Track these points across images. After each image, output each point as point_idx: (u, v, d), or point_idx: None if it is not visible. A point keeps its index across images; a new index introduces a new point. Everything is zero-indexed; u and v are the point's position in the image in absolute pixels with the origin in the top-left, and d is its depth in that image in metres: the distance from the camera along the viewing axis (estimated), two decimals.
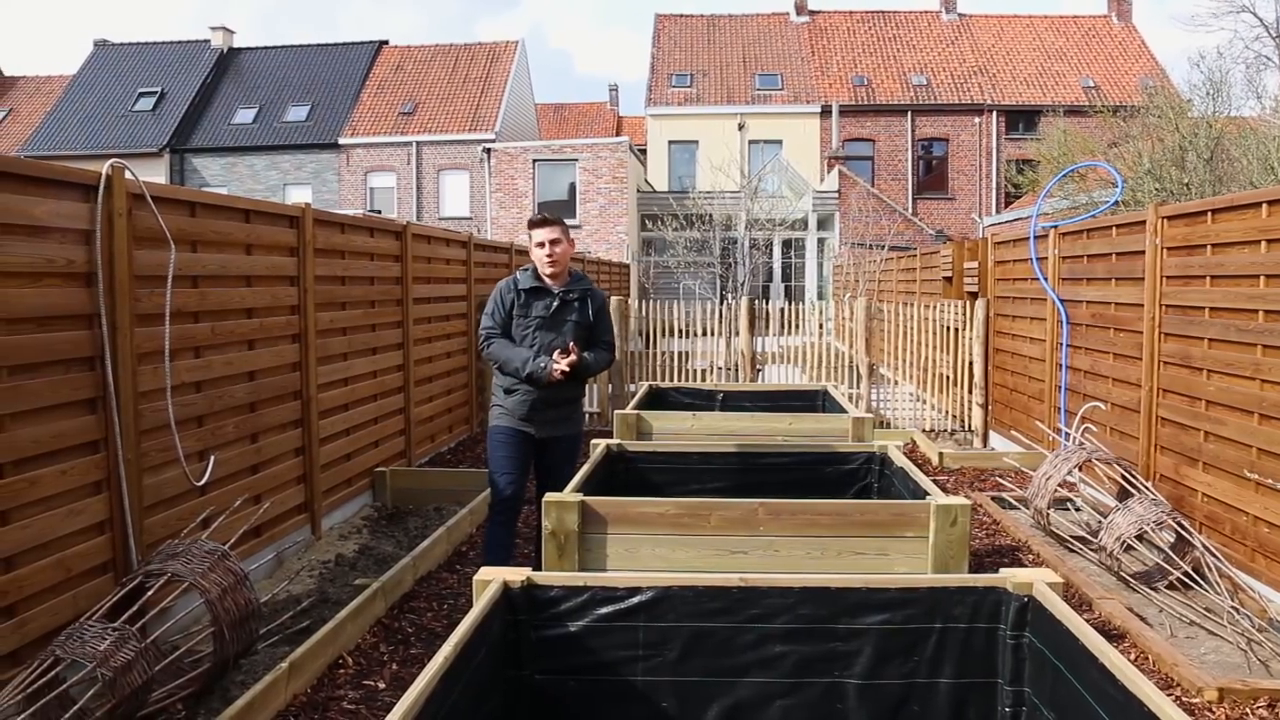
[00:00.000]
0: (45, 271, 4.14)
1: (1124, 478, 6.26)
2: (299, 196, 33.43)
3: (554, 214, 5.49)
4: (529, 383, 5.23)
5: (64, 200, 4.28)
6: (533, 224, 5.41)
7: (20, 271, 4.00)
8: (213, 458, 5.37)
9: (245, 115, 36.39)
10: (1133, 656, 4.78)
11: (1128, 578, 5.73)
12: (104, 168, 4.49)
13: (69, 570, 4.25)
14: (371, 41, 39.48)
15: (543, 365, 5.15)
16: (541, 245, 5.32)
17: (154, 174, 32.51)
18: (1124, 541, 5.69)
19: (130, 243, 4.66)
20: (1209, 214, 6.18)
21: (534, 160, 30.49)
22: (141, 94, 37.25)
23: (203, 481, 5.26)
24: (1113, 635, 5.03)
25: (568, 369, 5.14)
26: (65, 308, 4.26)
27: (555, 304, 5.32)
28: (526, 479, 5.48)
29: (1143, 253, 6.96)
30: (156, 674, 3.84)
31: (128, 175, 4.65)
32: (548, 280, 5.36)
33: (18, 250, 3.98)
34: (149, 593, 4.25)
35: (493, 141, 33.03)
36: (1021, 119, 35.10)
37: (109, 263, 4.50)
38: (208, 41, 39.58)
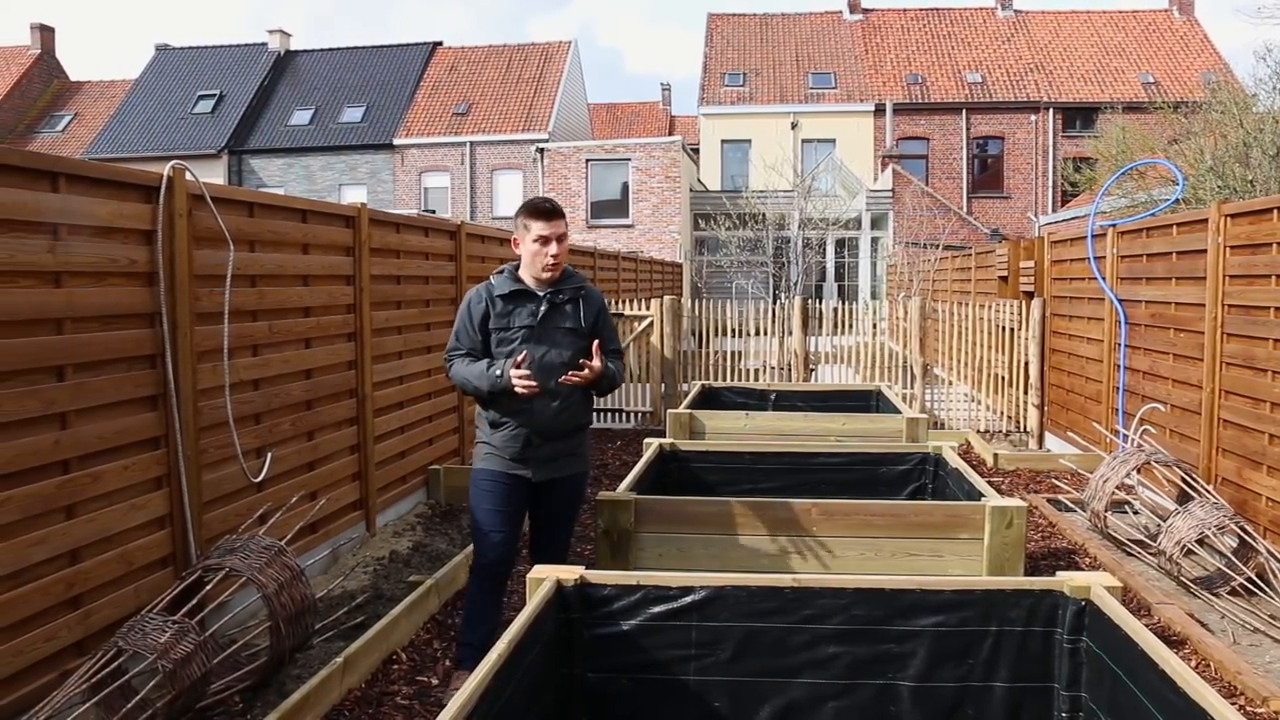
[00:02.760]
0: (109, 271, 4.22)
1: (1184, 481, 6.15)
2: (354, 197, 33.79)
3: (558, 203, 4.32)
4: (494, 401, 4.24)
5: (127, 201, 4.35)
6: (536, 211, 4.22)
7: (85, 271, 4.08)
8: (270, 454, 5.44)
9: (302, 116, 36.88)
10: (1194, 664, 4.69)
11: (1188, 583, 5.62)
12: (165, 169, 4.56)
13: (130, 564, 4.33)
14: (426, 43, 39.81)
15: (498, 374, 4.10)
16: (544, 241, 4.19)
17: (213, 175, 33.08)
18: (1184, 545, 5.59)
19: (190, 243, 4.73)
20: (1275, 211, 6.05)
21: (587, 160, 30.56)
22: (201, 96, 37.90)
23: (260, 478, 5.33)
24: (1172, 641, 4.94)
25: (526, 383, 4.02)
26: (128, 306, 4.34)
27: (544, 309, 4.23)
28: (519, 536, 4.48)
29: (1204, 251, 6.83)
30: (215, 667, 3.90)
31: (188, 176, 4.72)
32: (531, 281, 4.29)
33: (83, 250, 4.06)
34: (207, 587, 4.32)
35: (546, 141, 33.17)
36: (1079, 116, 34.66)
37: (170, 262, 4.57)
38: (265, 44, 40.19)
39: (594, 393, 4.34)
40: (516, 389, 4.03)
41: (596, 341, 4.20)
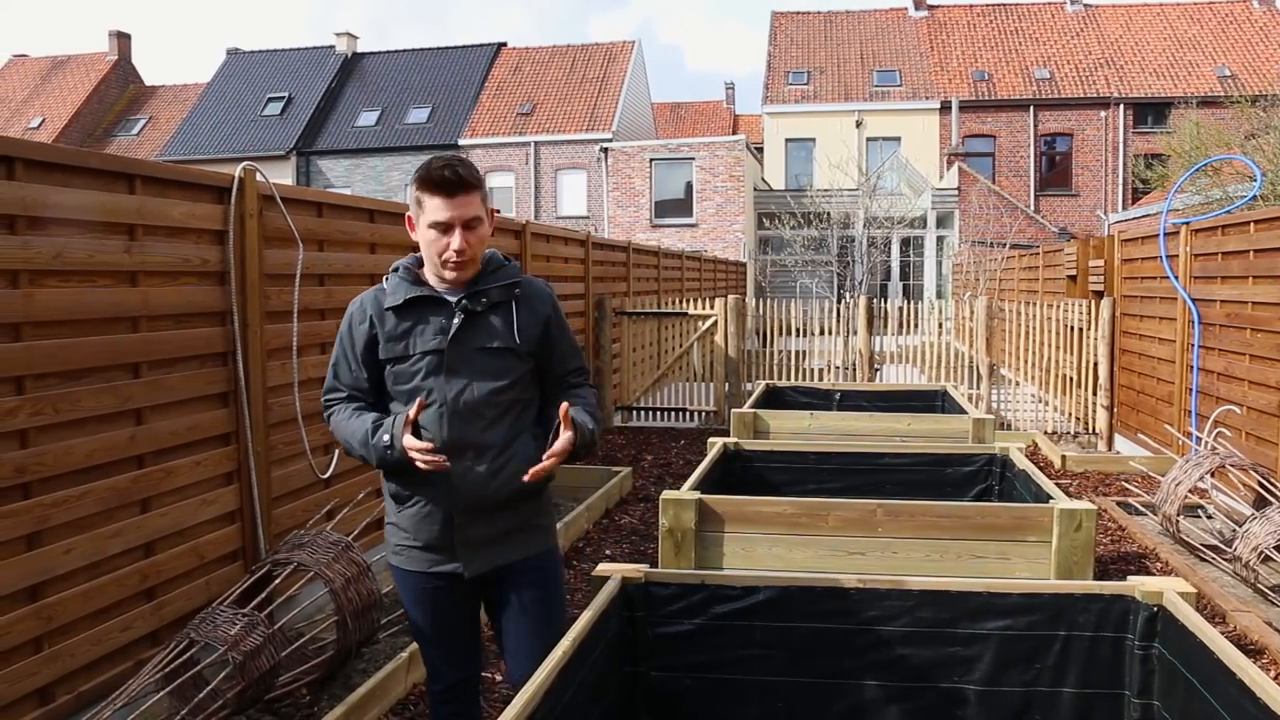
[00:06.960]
0: (182, 270, 4.30)
1: (1261, 485, 6.00)
2: None
3: (470, 168, 2.73)
4: (392, 469, 2.78)
5: (200, 202, 4.44)
6: (430, 181, 2.69)
7: (160, 270, 4.16)
8: (337, 451, 5.50)
9: (368, 118, 37.33)
10: (1273, 673, 4.57)
11: (1265, 590, 5.48)
12: (237, 170, 4.64)
13: (202, 557, 4.42)
14: (490, 44, 40.09)
15: (387, 442, 2.68)
16: (443, 228, 2.71)
17: (281, 176, 33.61)
18: (1262, 552, 5.45)
19: (261, 242, 4.81)
20: None
21: (651, 159, 30.60)
22: (270, 99, 38.54)
23: (328, 474, 5.39)
24: (1250, 650, 4.82)
25: (429, 458, 2.64)
26: (200, 305, 4.42)
27: (457, 322, 2.76)
28: (473, 646, 3.07)
29: None
30: (283, 659, 3.96)
31: (259, 177, 4.80)
32: (437, 282, 2.83)
33: (158, 250, 4.15)
34: (276, 581, 4.38)
35: (610, 141, 33.24)
36: (1150, 112, 33.95)
37: (240, 262, 4.65)
38: (332, 47, 40.75)
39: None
40: (417, 465, 2.66)
41: (564, 406, 2.73)
